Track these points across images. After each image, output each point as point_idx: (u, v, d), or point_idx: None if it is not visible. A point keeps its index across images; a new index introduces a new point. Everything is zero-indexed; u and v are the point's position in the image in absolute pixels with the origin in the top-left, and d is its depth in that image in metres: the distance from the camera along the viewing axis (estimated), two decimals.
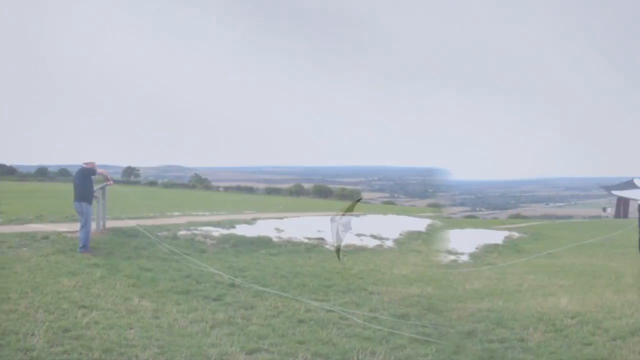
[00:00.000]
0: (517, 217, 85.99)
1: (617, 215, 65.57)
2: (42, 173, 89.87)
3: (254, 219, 28.49)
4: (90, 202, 19.26)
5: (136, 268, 16.88)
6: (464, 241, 31.35)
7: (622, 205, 63.79)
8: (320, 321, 12.23)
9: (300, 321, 12.23)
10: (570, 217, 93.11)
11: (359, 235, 28.15)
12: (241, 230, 25.58)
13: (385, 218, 35.86)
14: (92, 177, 19.57)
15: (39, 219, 24.57)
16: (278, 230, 26.64)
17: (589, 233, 40.44)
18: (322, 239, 25.89)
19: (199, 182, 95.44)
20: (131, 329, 10.87)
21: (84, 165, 19.43)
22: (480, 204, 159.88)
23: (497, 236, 35.73)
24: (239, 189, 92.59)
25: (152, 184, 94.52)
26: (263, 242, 24.05)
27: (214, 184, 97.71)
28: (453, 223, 43.91)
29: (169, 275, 16.34)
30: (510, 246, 33.33)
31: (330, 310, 13.23)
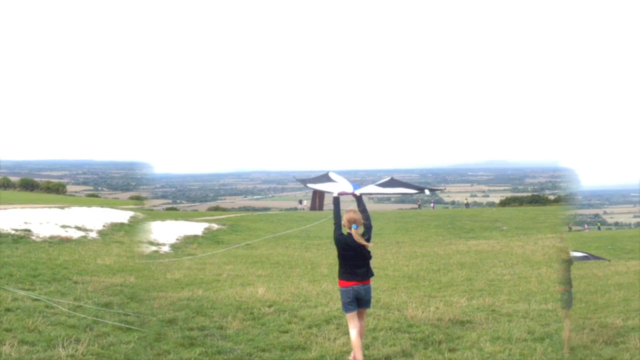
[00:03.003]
0: (217, 209, 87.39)
1: (312, 207, 68.46)
2: None
3: None
4: None
5: None
6: (165, 232, 31.36)
7: (318, 197, 66.82)
8: (26, 310, 11.65)
9: (8, 310, 11.57)
10: (267, 209, 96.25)
11: (63, 226, 27.46)
12: None
13: (89, 210, 34.93)
14: None
15: None
16: None
17: (286, 225, 42.04)
18: (28, 230, 24.84)
19: None
20: None
21: None
22: (181, 196, 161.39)
23: (197, 228, 36.05)
24: None
25: None
26: None
27: None
28: (154, 215, 43.71)
29: None
30: (209, 237, 33.81)
31: (36, 299, 12.67)
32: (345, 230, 9.25)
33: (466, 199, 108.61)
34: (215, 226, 38.35)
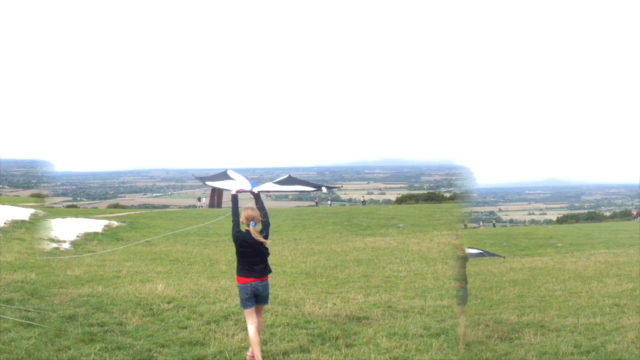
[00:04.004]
0: (116, 206, 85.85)
1: (211, 205, 68.13)
2: None
3: None
4: None
5: None
6: (66, 230, 30.71)
7: (216, 195, 66.52)
8: None
9: None
10: (166, 206, 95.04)
11: None
12: None
13: None
14: None
15: None
16: None
17: (185, 222, 41.63)
18: None
19: None
20: None
21: None
22: (81, 194, 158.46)
23: (97, 225, 35.37)
24: None
25: None
26: None
27: None
28: (55, 212, 42.79)
29: None
30: (109, 234, 33.28)
31: None
32: (243, 228, 9.23)
33: (363, 197, 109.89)
34: (115, 223, 37.72)
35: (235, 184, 10.32)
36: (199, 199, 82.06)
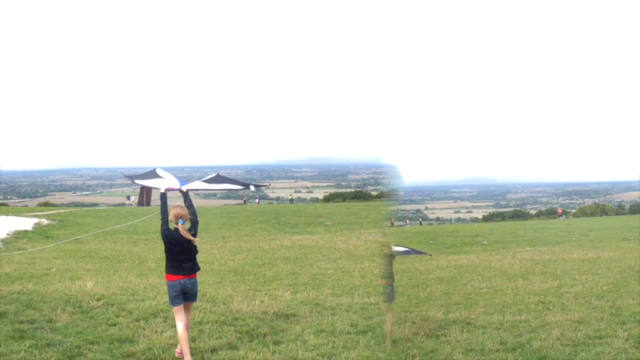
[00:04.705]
0: (46, 204, 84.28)
1: (140, 203, 67.39)
2: None
3: None
4: None
5: None
6: None
7: (145, 193, 65.82)
8: None
9: None
10: (96, 204, 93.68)
11: None
12: None
13: None
14: None
15: None
16: None
17: (114, 220, 41.01)
18: None
19: None
20: None
21: None
22: (11, 192, 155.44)
23: (26, 223, 34.77)
24: None
25: None
26: None
27: None
28: None
29: None
30: (39, 232, 32.69)
31: None
32: (172, 226, 9.14)
33: (290, 195, 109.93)
34: (45, 221, 37.06)
35: (164, 183, 10.19)
36: (128, 197, 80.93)
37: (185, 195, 9.81)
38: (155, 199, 53.85)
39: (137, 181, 11.61)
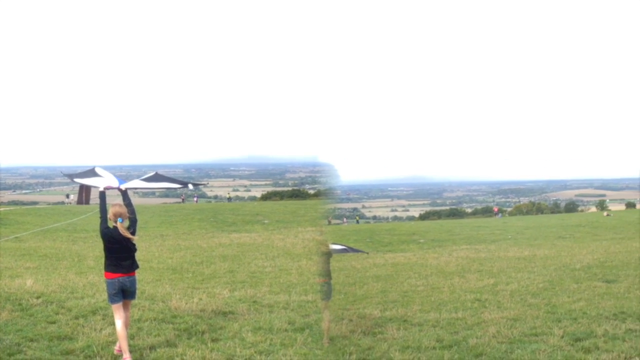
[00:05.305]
0: None
1: (79, 201, 66.42)
2: None
3: None
4: None
5: None
6: None
7: (85, 192, 64.92)
8: None
9: None
10: (35, 203, 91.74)
11: None
12: None
13: None
14: None
15: None
16: None
17: (53, 218, 40.37)
18: None
19: None
20: None
21: None
22: None
23: None
24: None
25: None
26: None
27: None
28: None
29: None
30: None
31: None
32: (111, 224, 9.06)
33: (229, 193, 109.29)
34: None
35: (103, 181, 10.10)
36: (68, 196, 79.63)
37: (124, 193, 9.72)
38: (95, 198, 53.15)
39: (76, 180, 11.49)
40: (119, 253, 9.03)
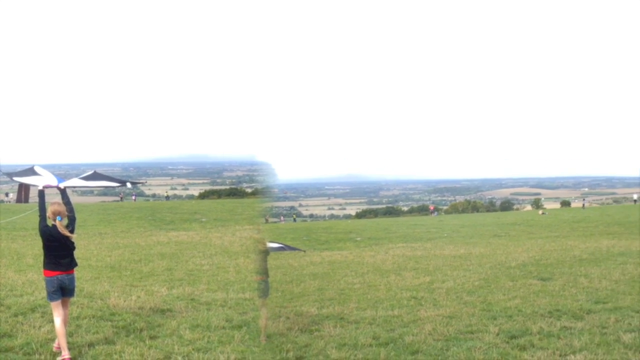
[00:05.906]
0: None
1: (18, 200, 65.32)
2: None
3: None
4: None
5: None
6: None
7: (24, 190, 63.80)
8: None
9: None
10: None
11: None
12: None
13: None
14: None
15: None
16: None
17: None
18: None
19: None
20: None
21: None
22: None
23: None
24: None
25: None
26: None
27: None
28: None
29: None
30: None
31: None
32: (50, 222, 8.95)
33: (167, 192, 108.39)
34: None
35: (42, 180, 9.98)
36: (7, 194, 78.18)
37: (63, 192, 9.64)
38: (34, 196, 52.15)
39: (15, 178, 11.32)
40: (58, 251, 8.92)
